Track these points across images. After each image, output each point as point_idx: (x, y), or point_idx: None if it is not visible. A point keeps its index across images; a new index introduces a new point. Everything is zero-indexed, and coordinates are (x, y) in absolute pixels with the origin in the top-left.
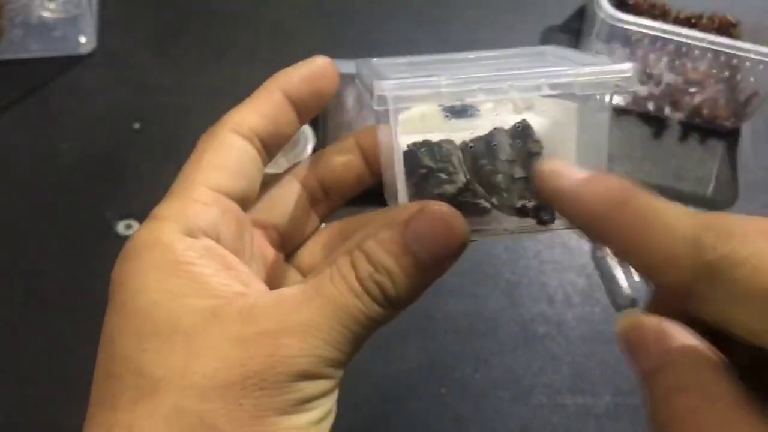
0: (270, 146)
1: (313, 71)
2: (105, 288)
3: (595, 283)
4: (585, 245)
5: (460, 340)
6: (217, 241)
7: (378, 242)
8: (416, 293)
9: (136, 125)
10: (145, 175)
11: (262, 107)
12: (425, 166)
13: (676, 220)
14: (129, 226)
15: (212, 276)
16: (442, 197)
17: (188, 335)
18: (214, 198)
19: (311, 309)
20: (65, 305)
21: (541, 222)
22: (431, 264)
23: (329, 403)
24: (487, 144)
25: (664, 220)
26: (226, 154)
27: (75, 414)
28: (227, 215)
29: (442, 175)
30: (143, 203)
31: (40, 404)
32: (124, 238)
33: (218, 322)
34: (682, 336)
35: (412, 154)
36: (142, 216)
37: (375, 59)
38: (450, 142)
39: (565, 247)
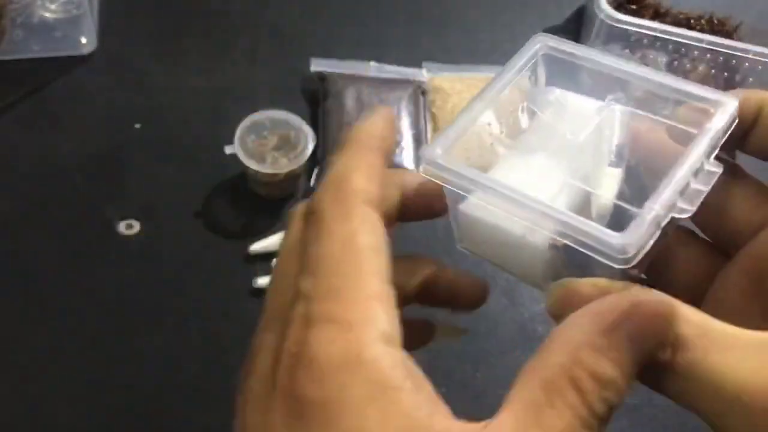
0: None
1: (390, 132)
2: (105, 288)
3: None
4: None
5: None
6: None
7: (597, 352)
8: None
9: (137, 125)
10: (145, 175)
11: (371, 171)
12: None
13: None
14: (130, 226)
15: (422, 406)
16: None
17: None
18: (387, 292)
19: None
20: (65, 305)
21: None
22: (647, 360)
23: None
24: None
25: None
26: (378, 234)
27: (75, 414)
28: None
29: None
30: (144, 203)
31: (40, 404)
32: (124, 238)
33: None
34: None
35: None
36: (142, 216)
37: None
38: None
39: None
